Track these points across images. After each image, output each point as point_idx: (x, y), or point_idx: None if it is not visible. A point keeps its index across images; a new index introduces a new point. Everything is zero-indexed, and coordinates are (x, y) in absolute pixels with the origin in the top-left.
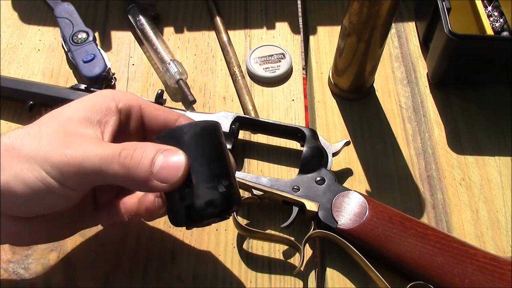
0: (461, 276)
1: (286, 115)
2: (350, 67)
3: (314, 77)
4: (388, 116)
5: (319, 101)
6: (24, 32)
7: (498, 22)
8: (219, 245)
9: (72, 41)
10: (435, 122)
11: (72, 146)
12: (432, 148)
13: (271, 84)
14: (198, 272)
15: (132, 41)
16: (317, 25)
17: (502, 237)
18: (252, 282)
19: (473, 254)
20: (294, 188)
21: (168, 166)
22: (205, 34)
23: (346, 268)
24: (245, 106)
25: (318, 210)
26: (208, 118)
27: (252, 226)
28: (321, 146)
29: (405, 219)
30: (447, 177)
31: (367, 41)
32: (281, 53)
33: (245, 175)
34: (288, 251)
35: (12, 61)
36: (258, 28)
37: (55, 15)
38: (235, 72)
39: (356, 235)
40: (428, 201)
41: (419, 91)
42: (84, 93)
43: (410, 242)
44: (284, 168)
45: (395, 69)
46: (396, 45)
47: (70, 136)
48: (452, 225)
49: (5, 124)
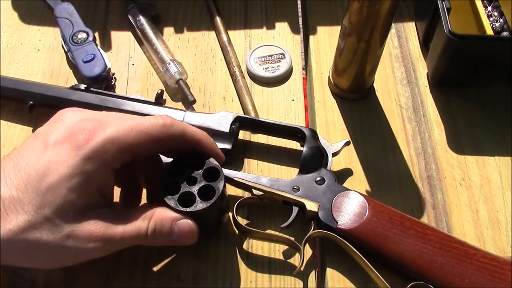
0: (461, 276)
1: (286, 115)
2: (350, 67)
3: (314, 77)
4: (388, 116)
5: (319, 101)
6: (24, 32)
7: (498, 22)
8: (219, 245)
9: (72, 41)
10: (435, 122)
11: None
12: (432, 148)
13: (271, 84)
14: (198, 272)
15: (132, 41)
16: (317, 25)
17: (502, 237)
18: (252, 282)
19: (473, 254)
20: (294, 188)
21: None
22: (205, 34)
23: (346, 268)
24: (245, 106)
25: (318, 210)
26: (208, 118)
27: (252, 226)
28: (321, 146)
29: (405, 219)
30: (447, 177)
31: (367, 41)
32: (281, 53)
33: (245, 175)
34: (288, 251)
35: (12, 61)
36: (258, 28)
37: (55, 15)
38: (235, 72)
39: (356, 235)
40: (428, 201)
41: (419, 91)
42: (84, 93)
43: (410, 242)
44: (284, 168)
45: (395, 69)
46: (396, 45)
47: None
48: (452, 225)
49: (5, 124)
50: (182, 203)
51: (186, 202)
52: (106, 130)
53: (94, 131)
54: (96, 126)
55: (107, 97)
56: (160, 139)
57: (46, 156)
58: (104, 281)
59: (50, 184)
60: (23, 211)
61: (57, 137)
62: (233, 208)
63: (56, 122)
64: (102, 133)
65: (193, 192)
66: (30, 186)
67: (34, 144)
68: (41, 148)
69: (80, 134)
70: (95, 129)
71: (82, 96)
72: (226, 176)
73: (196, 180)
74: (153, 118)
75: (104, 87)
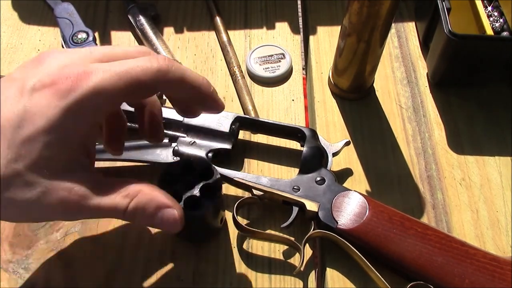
0: (461, 276)
1: (286, 115)
2: (350, 67)
3: (314, 77)
4: (388, 116)
5: (319, 101)
6: (24, 32)
7: (498, 22)
8: (219, 245)
9: (72, 41)
10: (435, 122)
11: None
12: (432, 148)
13: (271, 84)
14: (198, 272)
15: (132, 41)
16: (317, 25)
17: (502, 237)
18: (252, 282)
19: (473, 254)
20: (294, 188)
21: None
22: (205, 34)
23: (346, 268)
24: (245, 106)
25: (318, 210)
26: (208, 118)
27: (252, 226)
28: (321, 146)
29: (405, 219)
30: (447, 177)
31: (367, 41)
32: (281, 53)
33: (245, 175)
34: (288, 251)
35: (12, 61)
36: (258, 28)
37: (55, 15)
38: (235, 72)
39: (356, 235)
40: (428, 201)
41: (419, 91)
42: None
43: (410, 242)
44: (284, 168)
45: (395, 69)
46: (396, 45)
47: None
48: (452, 225)
49: None
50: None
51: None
52: (91, 78)
53: (78, 79)
54: (80, 73)
55: None
56: (154, 87)
57: (21, 104)
58: (104, 281)
59: (25, 136)
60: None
61: (35, 83)
62: (233, 208)
63: (34, 65)
64: (87, 82)
65: (195, 194)
66: (3, 138)
67: (9, 90)
68: (15, 95)
69: (62, 82)
70: (80, 77)
71: None
72: (226, 176)
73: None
74: (146, 60)
75: None
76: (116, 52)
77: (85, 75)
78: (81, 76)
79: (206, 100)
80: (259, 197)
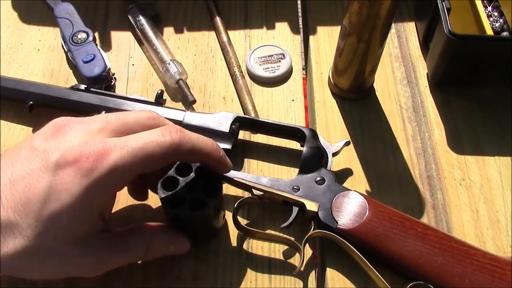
0: (461, 276)
1: (286, 115)
2: (350, 67)
3: (314, 77)
4: (388, 116)
5: (319, 101)
6: (24, 32)
7: (498, 22)
8: (219, 245)
9: (72, 41)
10: (435, 122)
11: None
12: (432, 148)
13: (271, 84)
14: (198, 272)
15: (132, 41)
16: (317, 25)
17: (502, 237)
18: (252, 282)
19: (473, 254)
20: (294, 188)
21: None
22: (205, 34)
23: (346, 268)
24: (245, 106)
25: (318, 210)
26: (208, 119)
27: (252, 226)
28: (321, 146)
29: (405, 219)
30: (447, 177)
31: (367, 41)
32: (281, 53)
33: (245, 175)
34: (288, 251)
35: (12, 61)
36: (258, 28)
37: (55, 15)
38: (235, 72)
39: (356, 235)
40: (428, 201)
41: (419, 91)
42: (84, 93)
43: (410, 242)
44: (284, 168)
45: (395, 69)
46: (396, 45)
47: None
48: (452, 225)
49: (5, 124)
50: (193, 209)
51: (196, 205)
52: (110, 157)
53: (98, 158)
54: (100, 151)
55: (107, 97)
56: (166, 160)
57: (47, 181)
58: (104, 281)
59: (52, 212)
60: (21, 235)
61: (58, 159)
62: (233, 208)
63: (55, 137)
64: (107, 161)
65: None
66: (30, 211)
67: (33, 163)
68: (40, 169)
69: (84, 160)
70: (100, 155)
71: (82, 96)
72: (226, 176)
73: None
74: (160, 135)
75: (104, 87)
76: (129, 121)
77: (105, 153)
78: (101, 154)
79: (215, 165)
80: (259, 197)
